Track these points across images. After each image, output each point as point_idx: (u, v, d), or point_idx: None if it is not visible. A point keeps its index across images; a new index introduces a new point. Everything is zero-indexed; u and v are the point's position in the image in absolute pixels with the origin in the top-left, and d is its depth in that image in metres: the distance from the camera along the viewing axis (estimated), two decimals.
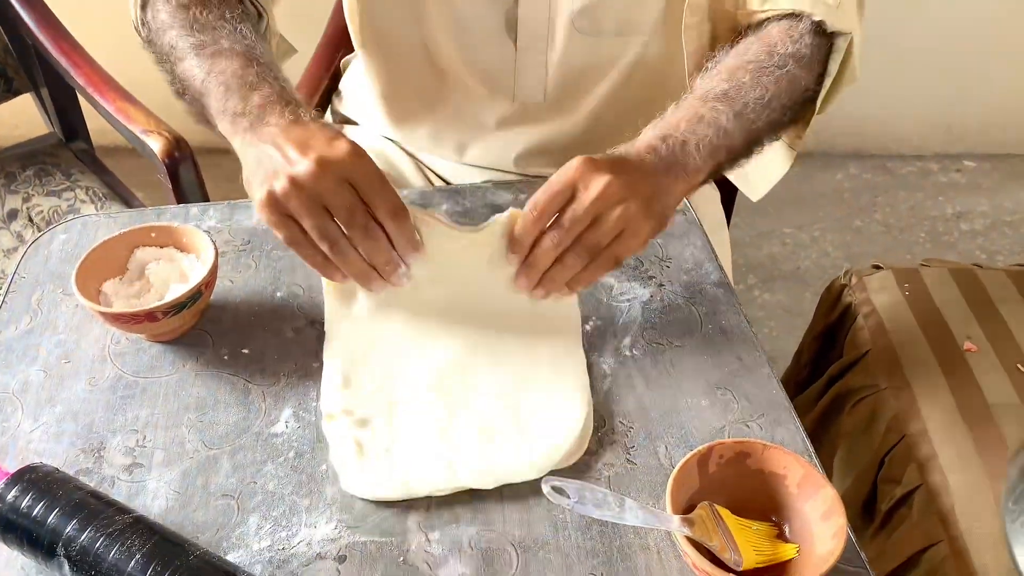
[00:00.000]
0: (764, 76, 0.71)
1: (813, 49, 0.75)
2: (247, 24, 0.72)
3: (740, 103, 0.70)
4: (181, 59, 0.70)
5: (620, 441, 0.65)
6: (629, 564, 0.57)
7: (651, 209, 0.66)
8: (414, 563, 0.57)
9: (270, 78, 0.67)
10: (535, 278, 0.67)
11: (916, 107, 2.19)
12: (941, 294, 0.94)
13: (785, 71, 0.72)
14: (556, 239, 0.65)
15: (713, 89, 0.71)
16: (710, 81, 0.72)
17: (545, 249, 0.66)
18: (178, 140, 1.04)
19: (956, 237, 2.01)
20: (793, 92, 0.74)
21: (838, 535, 0.53)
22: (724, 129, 0.69)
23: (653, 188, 0.67)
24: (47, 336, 0.72)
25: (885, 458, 0.84)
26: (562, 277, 0.66)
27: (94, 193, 1.23)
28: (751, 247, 1.95)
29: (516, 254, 0.67)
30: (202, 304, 0.70)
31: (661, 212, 0.67)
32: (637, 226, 0.65)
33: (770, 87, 0.71)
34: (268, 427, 0.65)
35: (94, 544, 0.52)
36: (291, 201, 0.61)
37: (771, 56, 0.73)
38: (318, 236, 0.62)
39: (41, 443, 0.64)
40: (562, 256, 0.66)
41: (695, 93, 0.72)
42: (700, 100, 0.71)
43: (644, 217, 0.65)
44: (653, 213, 0.66)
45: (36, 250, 0.80)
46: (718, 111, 0.69)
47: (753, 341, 0.72)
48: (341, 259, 0.63)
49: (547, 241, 0.66)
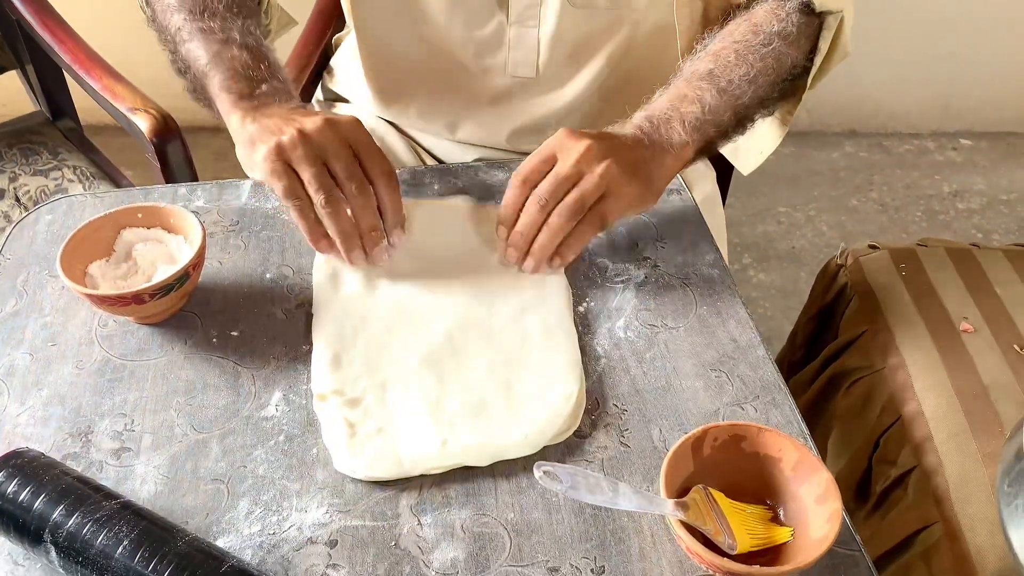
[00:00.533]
0: (750, 54, 0.75)
1: (800, 27, 0.77)
2: (253, 20, 0.76)
3: (724, 80, 0.74)
4: (187, 40, 0.73)
5: (614, 424, 0.64)
6: (623, 547, 0.57)
7: (636, 174, 0.70)
8: (406, 547, 0.56)
9: (279, 77, 0.73)
10: (523, 246, 0.69)
11: (913, 85, 2.17)
12: (938, 274, 0.93)
13: (771, 48, 0.75)
14: (541, 200, 0.68)
15: (698, 70, 0.75)
16: (696, 63, 0.76)
17: (530, 213, 0.69)
18: (166, 118, 1.03)
19: (952, 216, 2.01)
20: (780, 68, 0.77)
21: (833, 519, 0.53)
22: (709, 105, 0.73)
23: (636, 155, 0.70)
24: (33, 318, 0.70)
25: (880, 439, 0.83)
26: (550, 242, 0.69)
27: (82, 172, 1.21)
28: (746, 226, 1.95)
29: (504, 226, 0.70)
30: (190, 286, 0.69)
31: (647, 179, 0.71)
32: (619, 187, 0.69)
33: (755, 64, 0.74)
34: (258, 411, 0.64)
35: (81, 530, 0.52)
36: (296, 150, 0.65)
37: (756, 35, 0.75)
38: (315, 187, 0.65)
39: (28, 427, 0.63)
40: (548, 220, 0.69)
41: (681, 76, 0.76)
42: (685, 81, 0.75)
43: (627, 179, 0.69)
44: (638, 177, 0.70)
45: (21, 231, 0.79)
46: (702, 89, 0.73)
47: (748, 322, 0.72)
48: (332, 214, 0.66)
49: (532, 205, 0.69)
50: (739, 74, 0.74)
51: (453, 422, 0.62)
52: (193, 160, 1.08)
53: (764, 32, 0.75)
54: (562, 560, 0.56)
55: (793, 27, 0.76)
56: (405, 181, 0.84)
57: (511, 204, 0.70)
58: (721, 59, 0.75)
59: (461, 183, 0.84)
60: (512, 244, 0.70)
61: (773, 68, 0.75)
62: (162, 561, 0.50)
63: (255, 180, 0.82)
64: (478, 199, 0.82)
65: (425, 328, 0.69)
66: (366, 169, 0.67)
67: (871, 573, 0.56)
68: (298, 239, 0.78)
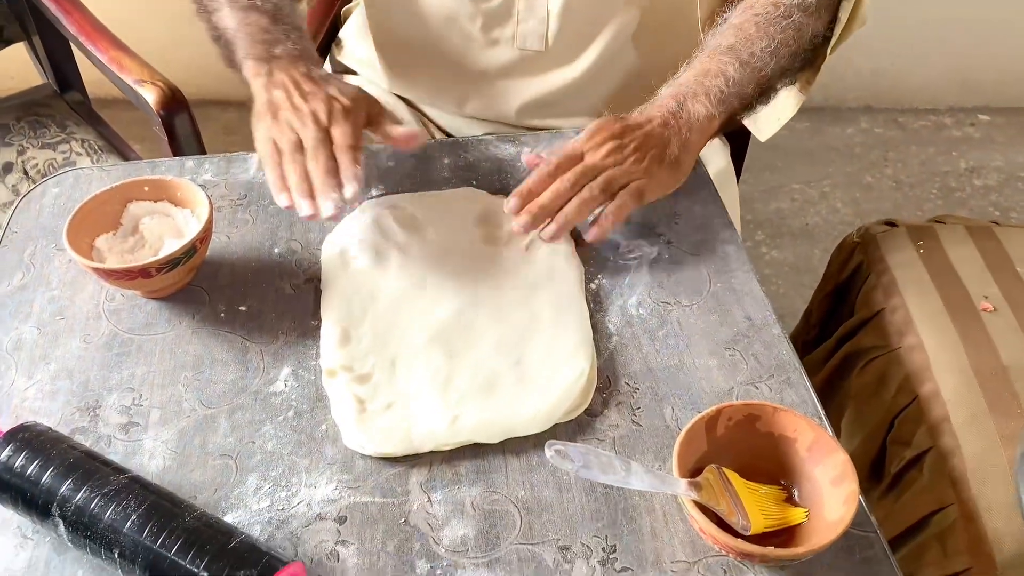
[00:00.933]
0: (770, 26, 0.76)
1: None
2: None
3: (747, 53, 0.75)
4: (217, 9, 0.76)
5: (626, 402, 0.63)
6: (634, 527, 0.56)
7: (662, 161, 0.72)
8: (416, 524, 0.56)
9: (294, 36, 0.74)
10: (540, 216, 0.69)
11: (930, 59, 2.13)
12: (957, 252, 0.91)
13: (791, 20, 0.76)
14: (568, 180, 0.69)
15: (721, 44, 0.76)
16: (718, 38, 0.77)
17: (555, 188, 0.69)
18: (173, 91, 1.02)
19: (969, 193, 1.98)
20: (801, 39, 0.77)
21: (849, 501, 0.52)
22: (732, 78, 0.74)
23: (664, 141, 0.72)
24: (40, 292, 0.70)
25: (895, 420, 0.82)
26: (578, 211, 0.69)
27: (90, 146, 1.20)
28: (759, 202, 1.92)
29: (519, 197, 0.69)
30: (197, 260, 0.68)
31: (675, 164, 0.73)
32: (649, 174, 0.71)
33: (776, 36, 0.75)
34: (267, 386, 0.63)
35: (89, 504, 0.51)
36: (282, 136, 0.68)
37: (777, 7, 0.76)
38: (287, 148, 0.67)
39: (36, 401, 0.62)
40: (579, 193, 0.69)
41: (703, 51, 0.77)
42: (708, 56, 0.76)
43: (656, 166, 0.71)
44: (666, 164, 0.72)
45: (28, 204, 0.78)
46: (724, 63, 0.74)
47: (764, 300, 0.70)
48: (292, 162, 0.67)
49: (559, 183, 0.70)
50: (761, 47, 0.74)
51: (463, 399, 0.62)
52: (201, 134, 1.07)
53: (784, 4, 0.76)
54: (573, 539, 0.55)
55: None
56: (414, 155, 0.83)
57: (533, 180, 0.70)
58: (742, 32, 0.75)
59: (471, 157, 0.83)
60: (528, 211, 0.69)
61: (794, 39, 0.76)
62: (171, 536, 0.50)
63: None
64: (487, 173, 0.80)
65: (435, 304, 0.68)
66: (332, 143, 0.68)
67: (886, 555, 0.56)
68: None
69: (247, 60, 0.73)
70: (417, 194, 0.78)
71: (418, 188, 0.79)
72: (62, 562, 0.54)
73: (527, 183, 0.70)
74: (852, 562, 0.55)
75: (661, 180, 0.72)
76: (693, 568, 0.54)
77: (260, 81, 0.72)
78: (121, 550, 0.50)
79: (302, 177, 0.66)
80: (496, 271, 0.71)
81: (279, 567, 0.50)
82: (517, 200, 0.69)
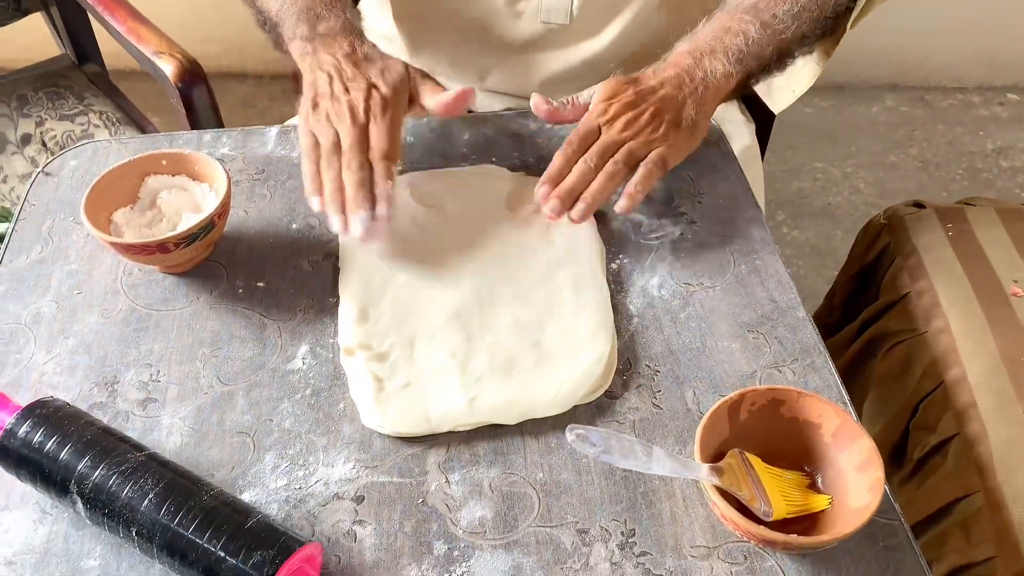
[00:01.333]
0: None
1: None
2: None
3: (768, 14, 0.73)
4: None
5: (646, 385, 0.62)
6: (653, 511, 0.55)
7: (679, 124, 0.70)
8: (433, 504, 0.56)
9: (336, 8, 0.73)
10: (568, 200, 0.68)
11: (958, 36, 2.08)
12: (986, 234, 0.89)
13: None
14: (590, 160, 0.68)
15: (743, 2, 0.74)
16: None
17: (580, 170, 0.68)
18: (191, 63, 1.01)
19: (995, 174, 1.94)
20: (824, 5, 0.76)
21: (875, 488, 0.51)
22: (752, 38, 0.72)
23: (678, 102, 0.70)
24: (58, 266, 0.70)
25: (919, 405, 0.81)
26: (604, 187, 0.68)
27: (107, 118, 1.20)
28: (780, 182, 1.90)
29: (548, 183, 0.68)
30: (215, 235, 0.68)
31: (691, 126, 0.71)
32: (667, 139, 0.70)
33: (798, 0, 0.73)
34: (284, 363, 0.63)
35: (107, 482, 0.51)
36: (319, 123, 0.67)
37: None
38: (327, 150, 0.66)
39: (55, 376, 0.62)
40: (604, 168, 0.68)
41: (725, 7, 0.75)
42: (728, 14, 0.74)
43: (673, 131, 0.70)
44: (682, 127, 0.70)
45: (46, 177, 0.78)
46: (745, 22, 0.73)
47: (789, 282, 0.69)
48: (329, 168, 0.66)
49: (580, 164, 0.69)
50: (783, 9, 0.73)
51: (482, 379, 0.61)
52: (219, 107, 1.06)
53: None
54: (591, 522, 0.55)
55: None
56: (434, 130, 0.82)
57: (558, 166, 0.69)
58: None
59: (490, 132, 0.81)
60: (557, 195, 0.68)
61: (817, 5, 0.74)
62: (188, 515, 0.50)
63: (284, 128, 0.81)
64: (507, 149, 0.79)
65: (453, 284, 0.67)
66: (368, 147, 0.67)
67: (910, 543, 0.55)
68: None
69: (292, 41, 0.73)
70: (436, 171, 0.77)
71: (437, 164, 0.78)
72: (80, 538, 0.54)
73: (552, 168, 0.69)
74: (875, 550, 0.54)
75: (680, 145, 0.71)
76: (713, 554, 0.54)
77: (306, 63, 0.71)
78: (139, 528, 0.50)
79: (336, 186, 0.65)
80: (516, 250, 0.70)
81: (296, 548, 0.49)
82: (547, 187, 0.68)
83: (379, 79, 0.69)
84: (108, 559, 0.53)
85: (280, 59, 0.78)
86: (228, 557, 0.49)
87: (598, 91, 0.71)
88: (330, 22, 0.72)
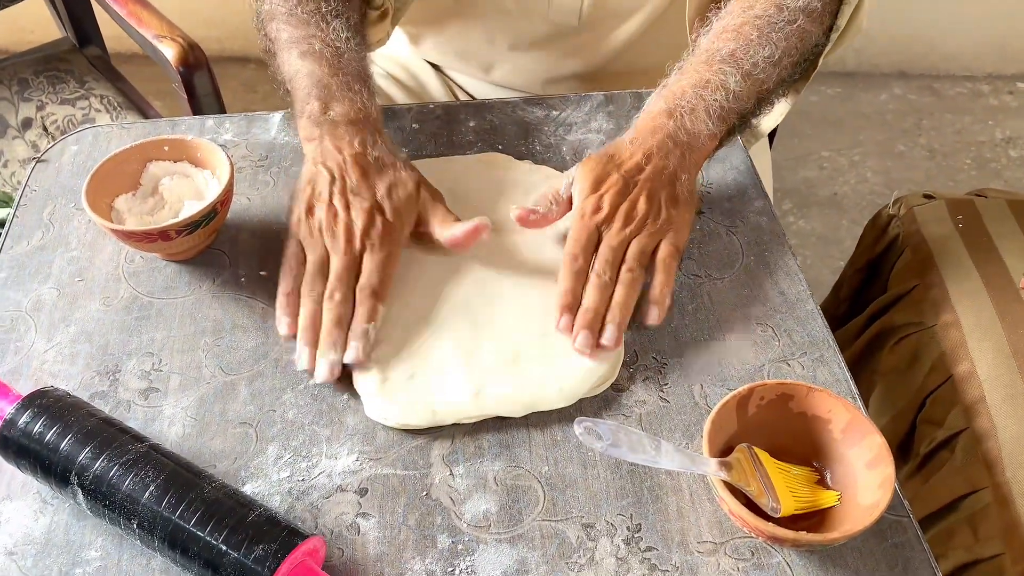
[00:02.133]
0: (774, 32, 0.67)
1: (824, 1, 0.69)
2: (342, 19, 0.69)
3: (749, 63, 0.66)
4: (277, 53, 0.69)
5: (653, 378, 0.62)
6: (660, 506, 0.55)
7: (676, 199, 0.64)
8: (437, 497, 0.55)
9: (354, 90, 0.66)
10: (596, 323, 0.61)
11: (968, 24, 2.06)
12: (997, 227, 0.88)
13: (796, 26, 0.68)
14: (601, 275, 0.62)
15: (720, 50, 0.67)
16: (716, 41, 0.68)
17: (594, 287, 0.62)
18: (193, 47, 0.99)
19: (1004, 164, 1.93)
20: (803, 48, 0.70)
21: (885, 485, 0.50)
22: (733, 92, 0.66)
23: (668, 175, 0.64)
24: (60, 252, 0.69)
25: (927, 399, 0.80)
26: (628, 297, 0.62)
27: (109, 102, 1.19)
28: (786, 170, 1.88)
29: (568, 313, 0.62)
30: (218, 223, 0.67)
31: (688, 195, 0.66)
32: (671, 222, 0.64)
33: (780, 44, 0.67)
34: (287, 353, 0.62)
35: (108, 473, 0.51)
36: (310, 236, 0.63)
37: (780, 11, 0.68)
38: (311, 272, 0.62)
39: (56, 364, 0.62)
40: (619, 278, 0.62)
41: (699, 55, 0.68)
42: (705, 63, 0.67)
43: (674, 209, 0.64)
44: (680, 200, 0.65)
45: (46, 162, 0.77)
46: (725, 73, 0.66)
47: (798, 274, 0.68)
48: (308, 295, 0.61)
49: (593, 282, 0.62)
50: (763, 55, 0.66)
51: (487, 371, 0.60)
52: (221, 92, 1.05)
53: (788, 8, 0.68)
54: (597, 516, 0.54)
55: (817, 1, 0.69)
56: (439, 117, 0.81)
57: (571, 286, 0.62)
58: (743, 37, 0.67)
59: (496, 120, 0.80)
60: (585, 327, 0.61)
61: (796, 48, 0.68)
62: (189, 507, 0.49)
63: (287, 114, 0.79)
64: (513, 137, 0.78)
65: (459, 274, 0.66)
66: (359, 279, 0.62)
67: (919, 540, 0.54)
68: None
69: (300, 118, 0.66)
70: (442, 159, 0.76)
71: (442, 151, 0.77)
72: (81, 528, 0.53)
73: (564, 291, 0.62)
74: (883, 546, 0.54)
75: (684, 221, 0.65)
76: (720, 549, 0.53)
77: (310, 149, 0.65)
78: (140, 520, 0.50)
79: (312, 319, 0.60)
80: (523, 240, 0.69)
81: (298, 541, 0.49)
82: (567, 317, 0.61)
83: (386, 200, 0.63)
84: (109, 551, 0.52)
85: None
86: (230, 551, 0.48)
87: (578, 180, 0.65)
88: (344, 106, 0.65)
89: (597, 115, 0.81)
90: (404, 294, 0.65)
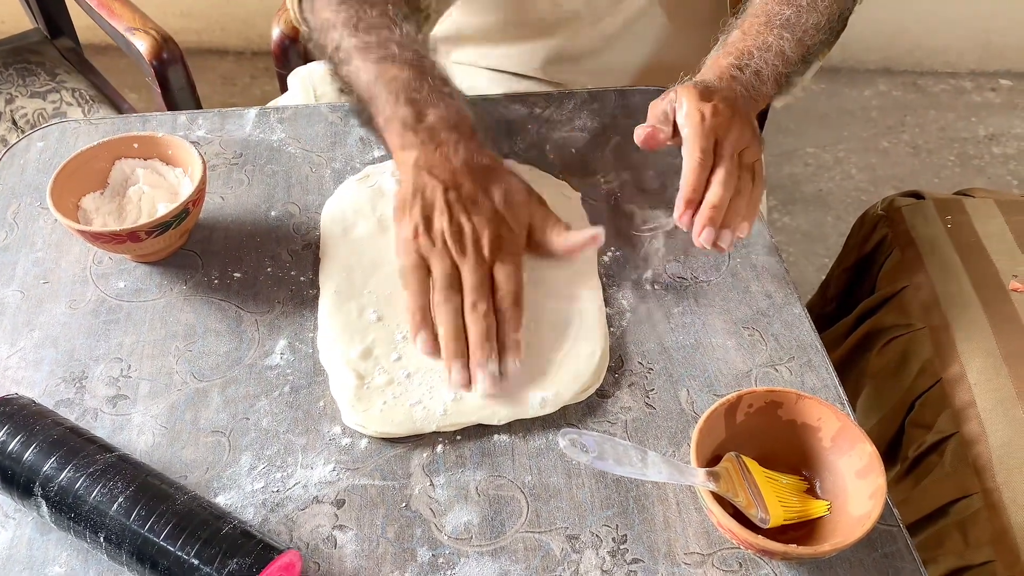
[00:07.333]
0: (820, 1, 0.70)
1: None
2: (411, 23, 0.67)
3: (801, 29, 0.69)
4: (346, 61, 0.65)
5: (639, 383, 0.60)
6: (646, 516, 0.53)
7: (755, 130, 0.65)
8: (417, 509, 0.53)
9: (446, 93, 0.63)
10: (718, 219, 0.61)
11: (951, 20, 2.06)
12: (986, 227, 0.87)
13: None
14: (726, 171, 0.61)
15: (779, 14, 0.69)
16: (771, 3, 0.70)
17: (724, 183, 0.61)
18: (167, 40, 0.97)
19: (987, 161, 1.93)
20: (843, 14, 0.72)
21: (876, 496, 0.49)
22: (788, 57, 0.68)
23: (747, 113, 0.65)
24: (24, 253, 0.66)
25: (915, 402, 0.79)
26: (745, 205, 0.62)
27: (81, 95, 1.15)
28: (771, 167, 1.87)
29: (691, 209, 0.61)
30: (190, 223, 0.64)
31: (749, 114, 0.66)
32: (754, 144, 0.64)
33: (824, 11, 0.70)
34: (262, 359, 0.60)
35: (74, 484, 0.49)
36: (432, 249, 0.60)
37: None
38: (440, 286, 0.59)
39: (19, 371, 0.59)
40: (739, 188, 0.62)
41: (757, 16, 0.70)
42: (767, 26, 0.68)
43: (754, 135, 0.64)
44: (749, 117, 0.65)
45: (12, 158, 0.74)
46: (784, 39, 0.68)
47: (784, 277, 0.67)
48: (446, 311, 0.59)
49: (724, 176, 0.61)
50: (812, 22, 0.69)
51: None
52: (197, 85, 1.02)
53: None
54: (582, 527, 0.53)
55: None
56: None
57: (696, 180, 0.61)
58: (795, 3, 0.69)
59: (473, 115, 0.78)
60: (709, 221, 0.60)
61: (837, 13, 0.71)
62: (160, 520, 0.48)
63: (262, 110, 0.77)
64: (496, 135, 0.76)
65: None
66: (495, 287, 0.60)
67: (909, 550, 0.53)
68: (305, 174, 0.73)
69: (390, 123, 0.62)
70: None
71: None
72: (45, 543, 0.51)
73: (689, 184, 0.61)
74: (873, 557, 0.52)
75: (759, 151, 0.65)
76: (707, 560, 0.52)
77: (409, 159, 0.61)
78: (107, 534, 0.48)
79: (456, 333, 0.58)
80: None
81: (273, 556, 0.47)
82: (690, 210, 0.61)
83: (504, 208, 0.61)
84: (74, 566, 0.50)
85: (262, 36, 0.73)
86: (202, 565, 0.47)
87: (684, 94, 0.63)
88: (440, 110, 0.62)
89: (580, 113, 0.79)
90: (381, 296, 0.63)
